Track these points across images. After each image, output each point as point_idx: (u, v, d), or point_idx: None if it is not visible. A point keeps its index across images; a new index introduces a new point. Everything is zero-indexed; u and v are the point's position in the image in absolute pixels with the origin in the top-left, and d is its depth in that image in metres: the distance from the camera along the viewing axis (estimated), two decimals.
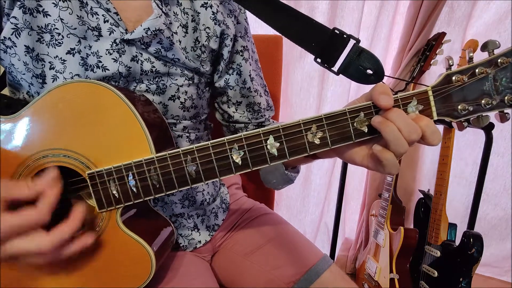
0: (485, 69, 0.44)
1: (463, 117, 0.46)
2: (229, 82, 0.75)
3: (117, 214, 0.53)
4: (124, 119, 0.51)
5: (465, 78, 0.44)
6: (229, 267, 0.79)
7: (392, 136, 0.43)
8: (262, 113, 0.82)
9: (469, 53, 0.46)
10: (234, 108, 0.80)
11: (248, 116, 0.81)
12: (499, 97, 0.44)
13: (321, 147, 0.47)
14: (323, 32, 0.58)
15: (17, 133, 0.53)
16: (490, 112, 0.45)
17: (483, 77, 0.44)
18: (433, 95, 0.45)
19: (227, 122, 0.83)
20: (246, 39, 0.76)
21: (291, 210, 1.78)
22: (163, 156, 0.50)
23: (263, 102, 0.81)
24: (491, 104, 0.44)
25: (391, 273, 1.35)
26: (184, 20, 0.66)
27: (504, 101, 0.44)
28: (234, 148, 0.48)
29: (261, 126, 0.83)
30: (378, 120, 0.45)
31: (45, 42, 0.57)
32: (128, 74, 0.61)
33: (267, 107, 0.83)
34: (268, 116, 0.84)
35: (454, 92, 0.45)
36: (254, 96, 0.79)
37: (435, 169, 1.26)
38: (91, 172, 0.51)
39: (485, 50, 0.45)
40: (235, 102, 0.79)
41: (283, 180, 0.73)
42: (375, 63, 0.55)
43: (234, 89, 0.77)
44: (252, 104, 0.80)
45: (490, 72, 0.44)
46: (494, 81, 0.44)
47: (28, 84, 0.59)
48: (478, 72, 0.44)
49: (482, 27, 1.44)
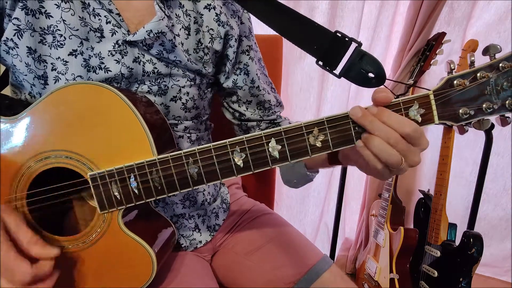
0: (486, 73, 0.44)
1: (464, 121, 0.46)
2: (237, 82, 0.76)
3: (118, 215, 0.53)
4: (126, 121, 0.51)
5: (467, 82, 0.44)
6: (229, 267, 0.79)
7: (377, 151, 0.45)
8: (273, 109, 0.82)
9: (471, 57, 0.46)
10: (245, 107, 0.80)
11: (260, 113, 0.81)
12: (500, 101, 0.44)
13: (323, 150, 0.48)
14: (324, 35, 0.58)
15: (19, 134, 0.53)
16: (491, 116, 0.45)
17: (484, 81, 0.44)
18: (434, 99, 0.45)
19: (239, 120, 0.83)
20: (250, 38, 0.76)
21: (291, 210, 1.78)
22: (165, 158, 0.50)
23: (272, 99, 0.82)
24: (492, 108, 0.45)
25: (391, 273, 1.35)
26: (186, 22, 0.66)
27: (505, 105, 0.44)
28: (236, 151, 0.48)
29: (274, 123, 0.84)
30: (359, 145, 0.47)
31: (47, 43, 0.57)
32: (130, 75, 0.61)
33: (277, 103, 0.84)
34: (279, 112, 0.85)
35: (456, 96, 0.45)
36: (264, 94, 0.80)
37: (435, 169, 1.26)
38: (93, 173, 0.51)
39: (486, 54, 0.45)
40: (245, 101, 0.79)
41: (303, 179, 0.73)
42: (377, 67, 0.54)
43: (243, 88, 0.77)
44: (262, 102, 0.80)
45: (492, 77, 0.44)
46: (495, 85, 0.44)
47: (30, 84, 0.59)
48: (479, 77, 0.44)
49: (482, 27, 1.44)
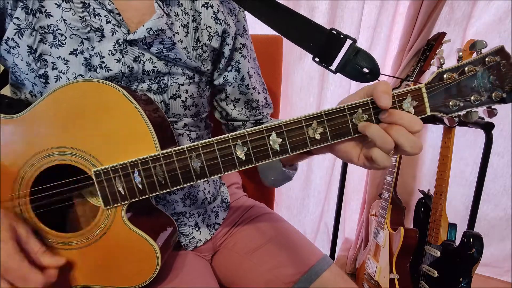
0: (474, 67, 0.47)
1: (454, 112, 0.48)
2: (228, 78, 0.76)
3: (122, 211, 0.53)
4: (129, 117, 0.52)
5: (456, 76, 0.47)
6: (229, 267, 0.80)
7: (376, 135, 0.46)
8: (260, 110, 0.83)
9: (459, 52, 0.49)
10: (233, 105, 0.81)
11: (246, 113, 0.82)
12: (487, 94, 0.47)
13: (322, 142, 0.49)
14: (320, 32, 0.59)
15: (22, 132, 0.53)
16: (479, 107, 0.48)
17: (472, 75, 0.47)
18: (426, 91, 0.47)
19: (226, 120, 0.84)
20: (244, 36, 0.77)
21: (291, 210, 1.78)
22: (168, 153, 0.50)
23: (261, 99, 0.82)
24: (480, 101, 0.47)
25: (391, 273, 1.35)
26: (185, 20, 0.67)
27: (492, 97, 0.47)
28: (237, 144, 0.49)
29: (259, 123, 0.84)
30: (360, 127, 0.48)
31: (47, 42, 0.57)
32: (130, 74, 0.62)
33: (265, 104, 0.84)
34: (266, 114, 0.85)
35: (446, 89, 0.47)
36: (252, 93, 0.80)
37: (435, 169, 1.26)
38: (96, 169, 0.52)
39: (473, 50, 0.48)
40: (233, 99, 0.80)
41: (281, 177, 0.73)
42: (371, 62, 0.57)
43: (233, 85, 0.77)
44: (250, 101, 0.81)
45: (479, 70, 0.47)
46: (482, 79, 0.47)
47: (32, 84, 0.60)
48: (467, 70, 0.47)
49: (482, 27, 1.44)
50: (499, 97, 0.47)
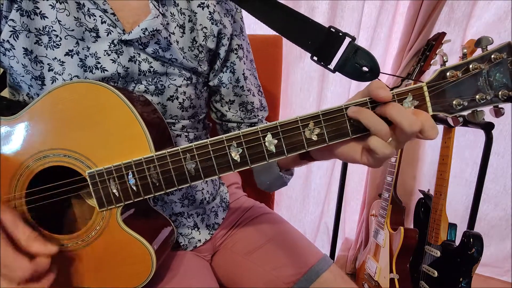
0: (478, 64, 0.44)
1: (458, 112, 0.46)
2: (223, 79, 0.76)
3: (117, 213, 0.53)
4: (123, 119, 0.52)
5: (459, 74, 0.45)
6: (229, 267, 0.79)
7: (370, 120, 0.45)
8: (255, 112, 0.82)
9: (463, 50, 0.47)
10: (227, 107, 0.80)
11: (241, 115, 0.81)
12: (493, 92, 0.45)
13: (319, 143, 0.48)
14: (319, 30, 0.58)
15: (17, 133, 0.53)
16: (485, 107, 0.46)
17: (477, 73, 0.45)
18: (428, 90, 0.46)
19: (221, 120, 0.84)
20: (241, 37, 0.76)
21: (291, 210, 1.78)
22: (162, 155, 0.50)
23: (256, 102, 0.82)
24: (486, 99, 0.45)
25: (391, 273, 1.35)
26: (181, 20, 0.66)
27: (498, 96, 0.45)
28: (232, 146, 0.49)
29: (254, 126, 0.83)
30: (353, 109, 0.46)
31: (43, 44, 0.57)
32: (126, 74, 0.61)
33: (260, 107, 0.84)
34: (261, 117, 0.85)
35: (449, 87, 0.45)
36: (247, 95, 0.80)
37: (435, 169, 1.26)
38: (91, 171, 0.51)
39: (478, 46, 0.45)
40: (228, 101, 0.79)
41: (277, 182, 0.73)
42: (371, 61, 0.55)
43: (227, 87, 0.77)
44: (244, 103, 0.80)
45: (484, 68, 0.44)
46: (488, 77, 0.45)
47: (28, 85, 0.60)
48: (472, 68, 0.45)
49: (482, 27, 1.43)
50: (506, 95, 0.44)
